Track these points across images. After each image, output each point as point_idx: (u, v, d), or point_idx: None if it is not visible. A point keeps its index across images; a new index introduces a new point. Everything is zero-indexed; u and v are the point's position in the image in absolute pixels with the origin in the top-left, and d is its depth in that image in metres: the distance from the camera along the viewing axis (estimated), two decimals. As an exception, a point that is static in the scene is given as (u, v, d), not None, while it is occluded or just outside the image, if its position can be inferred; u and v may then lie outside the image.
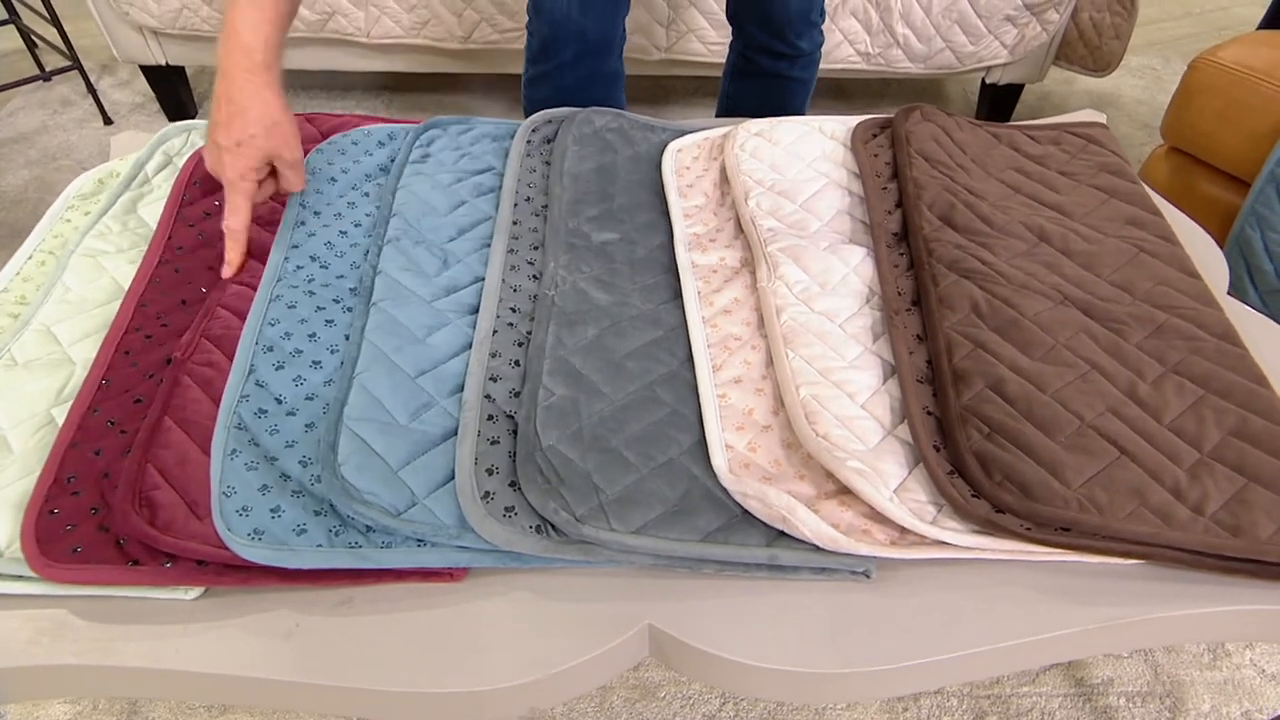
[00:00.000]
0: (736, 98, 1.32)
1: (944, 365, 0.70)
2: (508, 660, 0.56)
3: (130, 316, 0.76)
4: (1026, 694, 1.00)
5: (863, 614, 0.58)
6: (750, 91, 1.29)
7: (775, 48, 1.20)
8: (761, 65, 1.24)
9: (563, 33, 1.07)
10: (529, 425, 0.65)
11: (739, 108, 1.33)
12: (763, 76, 1.25)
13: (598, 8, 1.08)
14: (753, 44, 1.23)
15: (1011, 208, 0.88)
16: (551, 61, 1.09)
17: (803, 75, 1.25)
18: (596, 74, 1.13)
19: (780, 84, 1.25)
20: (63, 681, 0.58)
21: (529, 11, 1.10)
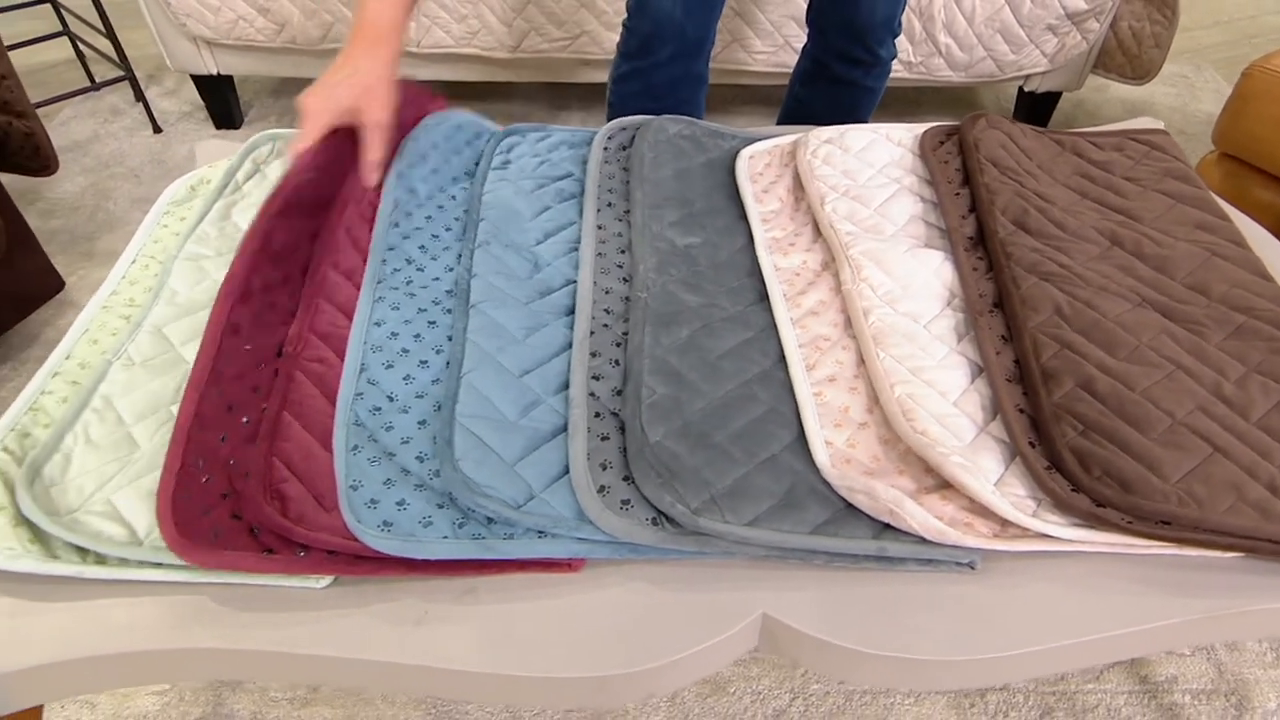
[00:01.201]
0: (806, 102, 1.34)
1: (1033, 365, 0.72)
2: (628, 647, 0.58)
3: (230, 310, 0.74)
4: (1091, 691, 1.02)
5: (969, 604, 0.60)
6: (821, 96, 1.31)
7: (854, 54, 1.23)
8: (836, 71, 1.26)
9: (664, 31, 1.10)
10: (635, 422, 0.67)
11: (806, 113, 1.35)
12: (836, 83, 1.27)
13: (698, 9, 1.11)
14: (831, 49, 1.25)
15: (1081, 213, 0.90)
16: (648, 59, 1.12)
17: (875, 85, 1.27)
18: (687, 74, 1.17)
19: (852, 91, 1.27)
20: (200, 664, 0.60)
21: (629, 9, 1.13)
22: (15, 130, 1.29)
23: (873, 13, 1.18)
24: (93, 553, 0.62)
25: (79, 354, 0.77)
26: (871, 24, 1.19)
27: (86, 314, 0.80)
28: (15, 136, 1.30)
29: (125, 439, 0.69)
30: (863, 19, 1.18)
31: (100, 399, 0.72)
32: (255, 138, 0.99)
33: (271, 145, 1.00)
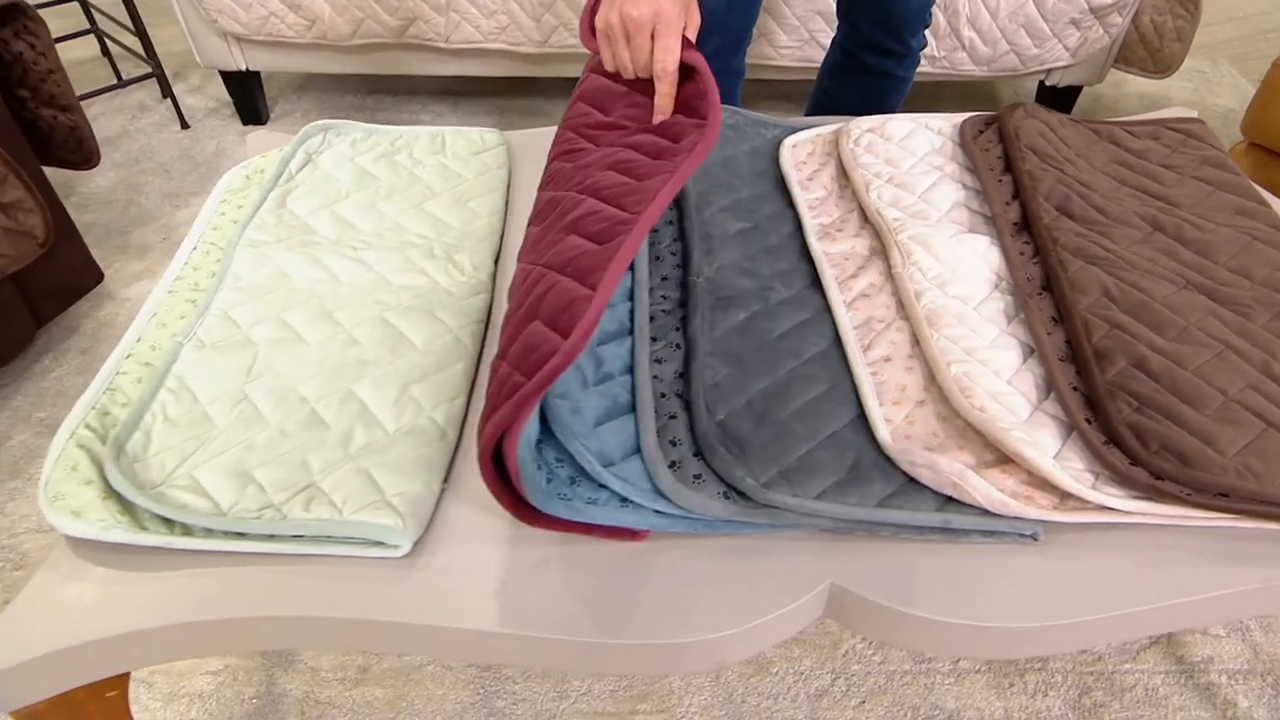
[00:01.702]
0: (836, 94, 1.36)
1: (1084, 344, 0.73)
2: (703, 615, 0.60)
3: None
4: (1129, 671, 1.03)
5: (1033, 574, 0.62)
6: (852, 88, 1.32)
7: (887, 45, 1.25)
8: (868, 62, 1.28)
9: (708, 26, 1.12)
10: (700, 401, 0.69)
11: (836, 105, 1.36)
12: (869, 74, 1.29)
13: (740, 6, 1.13)
14: (864, 41, 1.26)
15: (1122, 199, 0.92)
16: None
17: (906, 74, 1.29)
18: (727, 68, 1.19)
19: (884, 81, 1.29)
20: (283, 632, 0.62)
21: None
22: (60, 124, 1.31)
23: (907, 4, 1.20)
24: (179, 525, 0.64)
25: (149, 337, 0.78)
26: (906, 16, 1.20)
27: (154, 298, 0.82)
28: (60, 130, 1.32)
29: (202, 417, 0.71)
30: (899, 11, 1.20)
31: (174, 379, 0.73)
32: (307, 128, 1.01)
33: (323, 136, 1.02)
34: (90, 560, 0.63)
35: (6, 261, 1.18)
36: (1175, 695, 1.01)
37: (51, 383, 1.39)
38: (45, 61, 1.23)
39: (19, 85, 1.26)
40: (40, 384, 1.39)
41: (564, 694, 1.02)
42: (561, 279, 0.63)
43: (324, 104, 2.19)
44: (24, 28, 1.19)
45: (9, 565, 1.13)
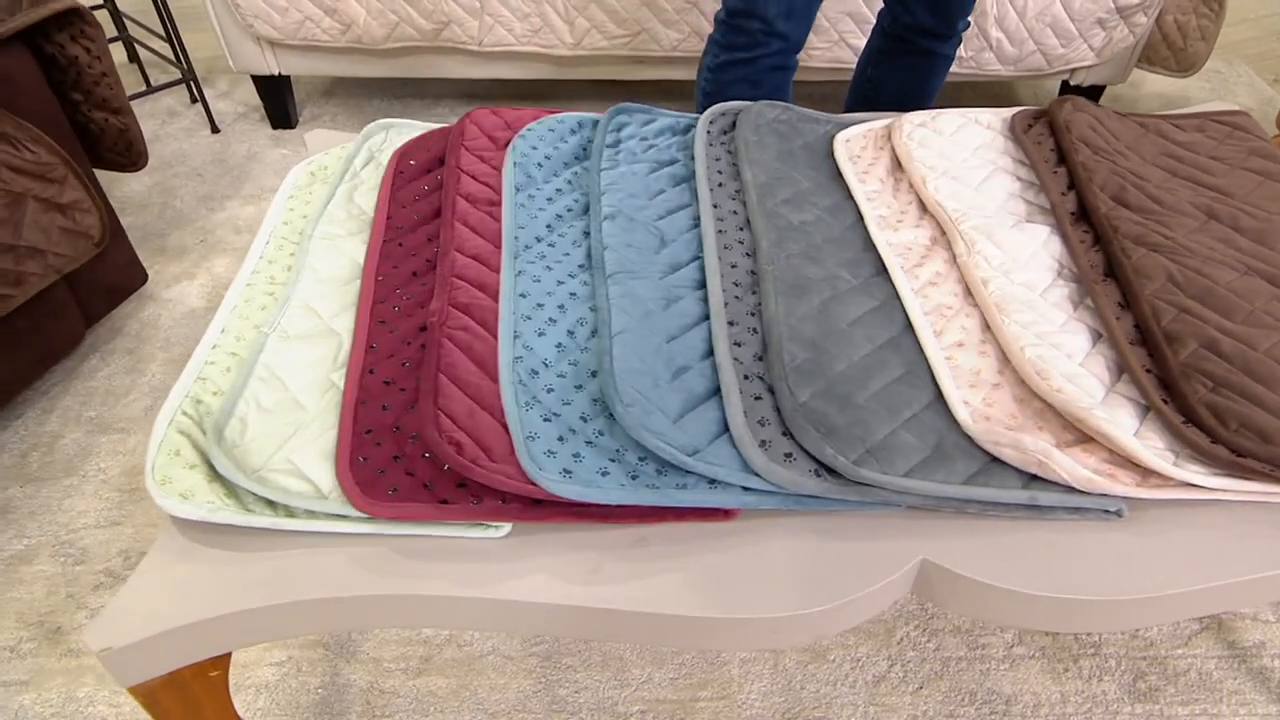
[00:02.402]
0: (879, 80, 1.39)
1: (1154, 328, 0.75)
2: (799, 591, 0.61)
3: (374, 289, 0.82)
4: (1181, 655, 1.04)
5: (1120, 549, 0.63)
6: (898, 71, 1.36)
7: (936, 29, 1.29)
8: (917, 44, 1.32)
9: (772, 29, 1.16)
10: (783, 384, 0.70)
11: (881, 90, 1.39)
12: (915, 55, 1.33)
13: (802, 14, 1.17)
14: (914, 25, 1.30)
15: (1174, 189, 0.94)
16: (753, 52, 1.18)
17: (950, 53, 1.34)
18: (785, 65, 1.22)
19: (931, 61, 1.33)
20: (385, 611, 0.63)
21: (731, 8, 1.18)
22: (111, 126, 1.32)
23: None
24: (281, 507, 0.65)
25: (232, 328, 0.80)
26: (960, 4, 1.25)
27: (234, 291, 0.84)
28: (110, 132, 1.33)
29: (293, 403, 0.72)
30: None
31: (263, 368, 0.75)
32: (369, 126, 1.03)
33: (384, 134, 1.04)
34: (197, 541, 0.64)
35: (64, 261, 1.20)
36: (1229, 679, 1.02)
37: (100, 382, 1.40)
38: (99, 65, 1.25)
39: (73, 89, 1.27)
40: (88, 383, 1.40)
41: (625, 682, 1.03)
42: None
43: (351, 108, 2.21)
44: (80, 32, 1.21)
45: (70, 560, 1.14)
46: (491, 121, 1.01)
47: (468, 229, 0.86)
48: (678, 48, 1.79)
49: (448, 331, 0.75)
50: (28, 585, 1.11)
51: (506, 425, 0.67)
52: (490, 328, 0.76)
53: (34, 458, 1.28)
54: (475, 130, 0.99)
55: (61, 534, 1.17)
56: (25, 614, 1.08)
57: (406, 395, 0.71)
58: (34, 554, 1.15)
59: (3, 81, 1.13)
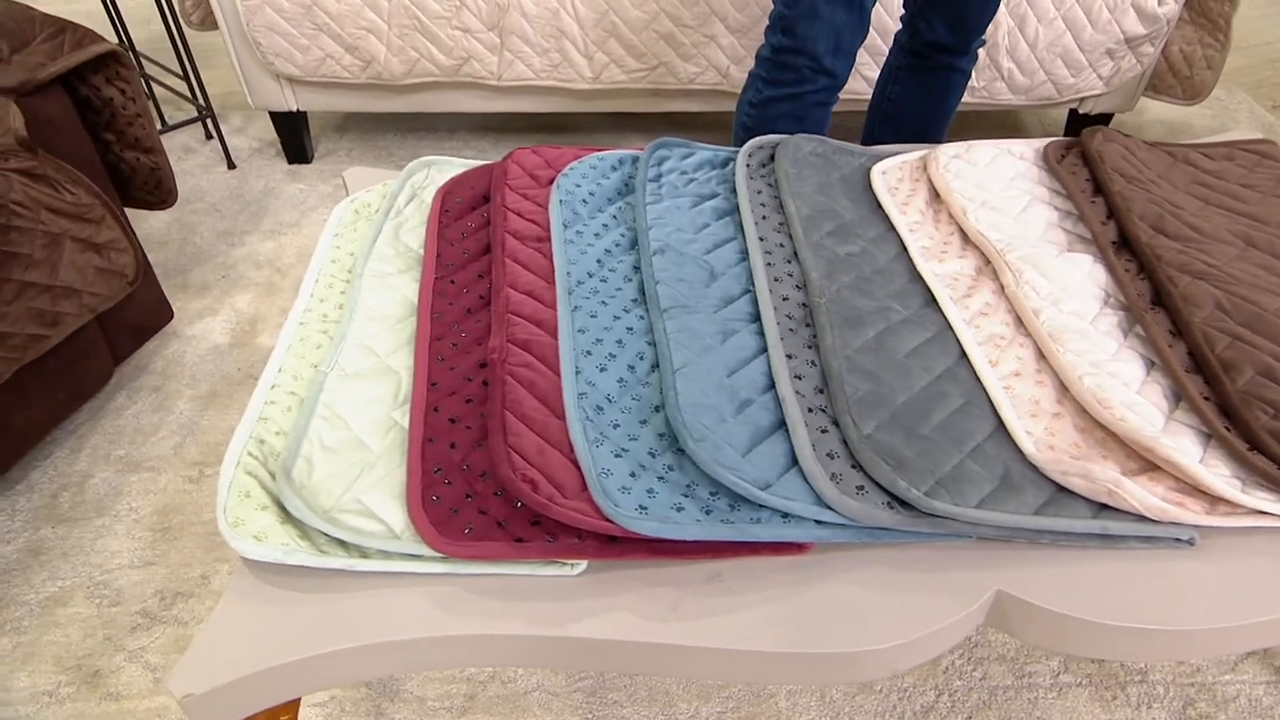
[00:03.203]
0: (899, 98, 1.42)
1: (1209, 356, 0.76)
2: (877, 624, 0.61)
3: (430, 328, 0.82)
4: (1229, 682, 1.04)
5: (1194, 578, 0.63)
6: (917, 89, 1.39)
7: (954, 45, 1.33)
8: (935, 60, 1.36)
9: (819, 67, 1.20)
10: (846, 416, 0.71)
11: (901, 109, 1.42)
12: (934, 71, 1.37)
13: (845, 54, 1.20)
14: (933, 42, 1.33)
15: (1210, 217, 0.95)
16: (800, 88, 1.21)
17: (967, 69, 1.38)
18: (828, 102, 1.25)
19: (949, 77, 1.37)
20: (462, 651, 0.63)
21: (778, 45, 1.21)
22: (142, 165, 1.33)
23: (983, 11, 1.28)
24: (354, 547, 0.65)
25: (289, 367, 0.80)
26: (981, 21, 1.29)
27: (288, 330, 0.84)
28: (141, 172, 1.34)
29: (356, 442, 0.72)
30: (973, 16, 1.28)
31: (324, 406, 0.75)
32: (412, 164, 1.04)
33: (426, 172, 1.05)
34: (270, 583, 0.64)
35: (98, 300, 1.20)
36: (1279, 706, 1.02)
37: (128, 420, 1.40)
38: (134, 106, 1.26)
39: (106, 129, 1.28)
40: (116, 422, 1.40)
41: (671, 717, 1.02)
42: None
43: (365, 142, 2.23)
44: (116, 74, 1.22)
45: (105, 601, 1.13)
46: (532, 160, 1.02)
47: (519, 265, 0.87)
48: (694, 81, 1.82)
49: (509, 368, 0.75)
50: (64, 628, 1.10)
51: (576, 461, 0.68)
52: (550, 364, 0.76)
53: (64, 498, 1.27)
54: (517, 169, 1.00)
55: (95, 575, 1.16)
56: (63, 657, 1.06)
57: (473, 433, 0.71)
58: (69, 596, 1.13)
59: (43, 125, 1.13)
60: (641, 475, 0.66)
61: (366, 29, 1.74)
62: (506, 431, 0.69)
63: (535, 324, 0.81)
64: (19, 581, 1.15)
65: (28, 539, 1.21)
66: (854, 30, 1.22)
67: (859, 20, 1.21)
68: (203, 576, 1.16)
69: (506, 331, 0.79)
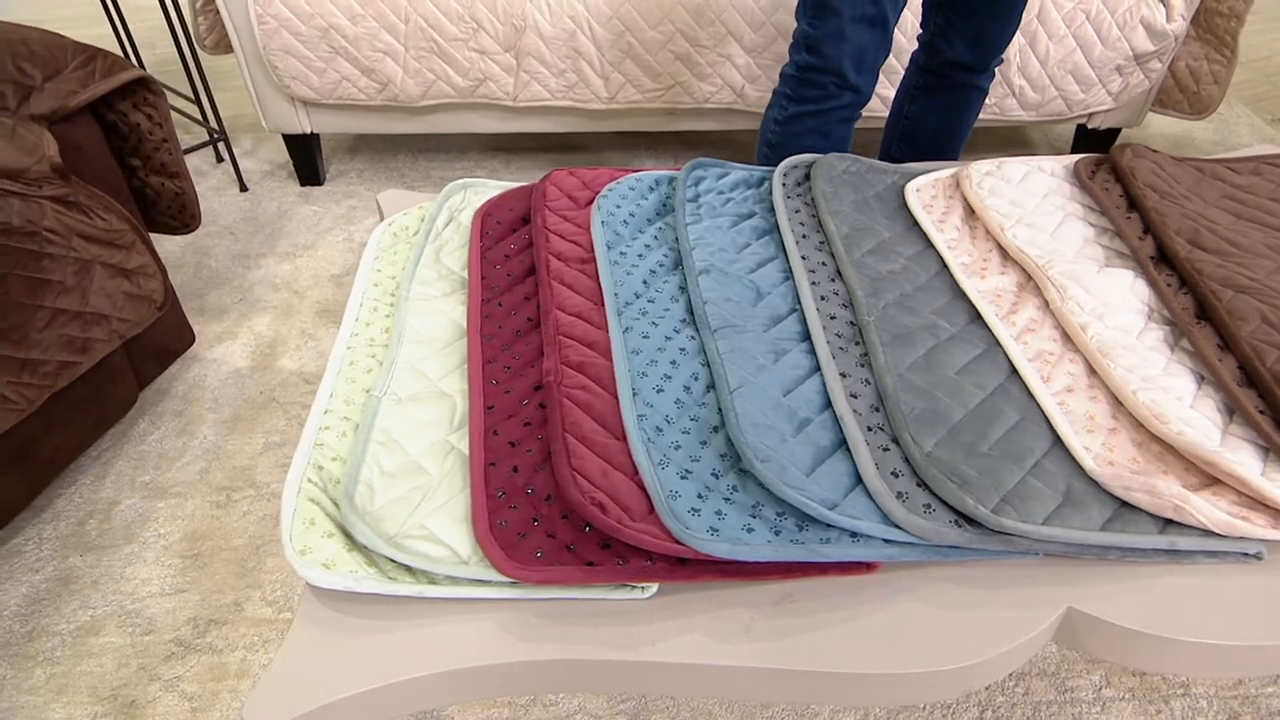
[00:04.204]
0: (917, 116, 1.43)
1: (1260, 369, 0.76)
2: (950, 644, 0.61)
3: (481, 351, 0.82)
4: (1273, 694, 1.04)
5: (1264, 592, 0.64)
6: (935, 105, 1.40)
7: (974, 64, 1.34)
8: (954, 79, 1.38)
9: (844, 83, 1.21)
10: (905, 434, 0.71)
11: (919, 126, 1.44)
12: (953, 89, 1.39)
13: (869, 71, 1.21)
14: (953, 61, 1.35)
15: (1244, 231, 0.96)
16: (826, 105, 1.23)
17: (985, 85, 1.40)
18: (851, 118, 1.26)
19: (967, 95, 1.39)
20: (536, 677, 0.62)
21: (803, 64, 1.23)
22: (167, 190, 1.33)
23: (1002, 32, 1.30)
24: (421, 573, 0.65)
25: (340, 392, 0.80)
26: (1000, 42, 1.31)
27: (336, 355, 0.84)
28: (166, 197, 1.34)
29: (415, 467, 0.72)
30: (993, 36, 1.30)
31: (380, 432, 0.75)
32: (449, 186, 1.04)
33: (463, 194, 1.05)
34: (338, 610, 0.63)
35: (127, 326, 1.19)
36: (1321, 715, 1.02)
37: (151, 446, 1.39)
38: (160, 131, 1.26)
39: (132, 155, 1.28)
40: (139, 448, 1.39)
41: (717, 739, 1.01)
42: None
43: (376, 163, 2.23)
44: (144, 100, 1.22)
45: (139, 630, 1.12)
46: (570, 182, 1.03)
47: (565, 287, 0.87)
48: (709, 100, 1.83)
49: (566, 390, 0.75)
50: (97, 658, 1.08)
51: (640, 484, 0.68)
52: (606, 385, 0.76)
53: (91, 525, 1.26)
54: (556, 191, 1.01)
55: (126, 603, 1.15)
56: (98, 688, 1.05)
57: (534, 456, 0.71)
58: (100, 625, 1.12)
59: (73, 151, 1.13)
60: (709, 497, 0.66)
61: (383, 51, 1.75)
62: (569, 454, 0.69)
63: (587, 346, 0.81)
64: (50, 611, 1.14)
65: (56, 567, 1.19)
66: (877, 48, 1.23)
67: (882, 39, 1.22)
68: (235, 603, 1.15)
69: (560, 354, 0.79)
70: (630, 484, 0.67)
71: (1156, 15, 1.71)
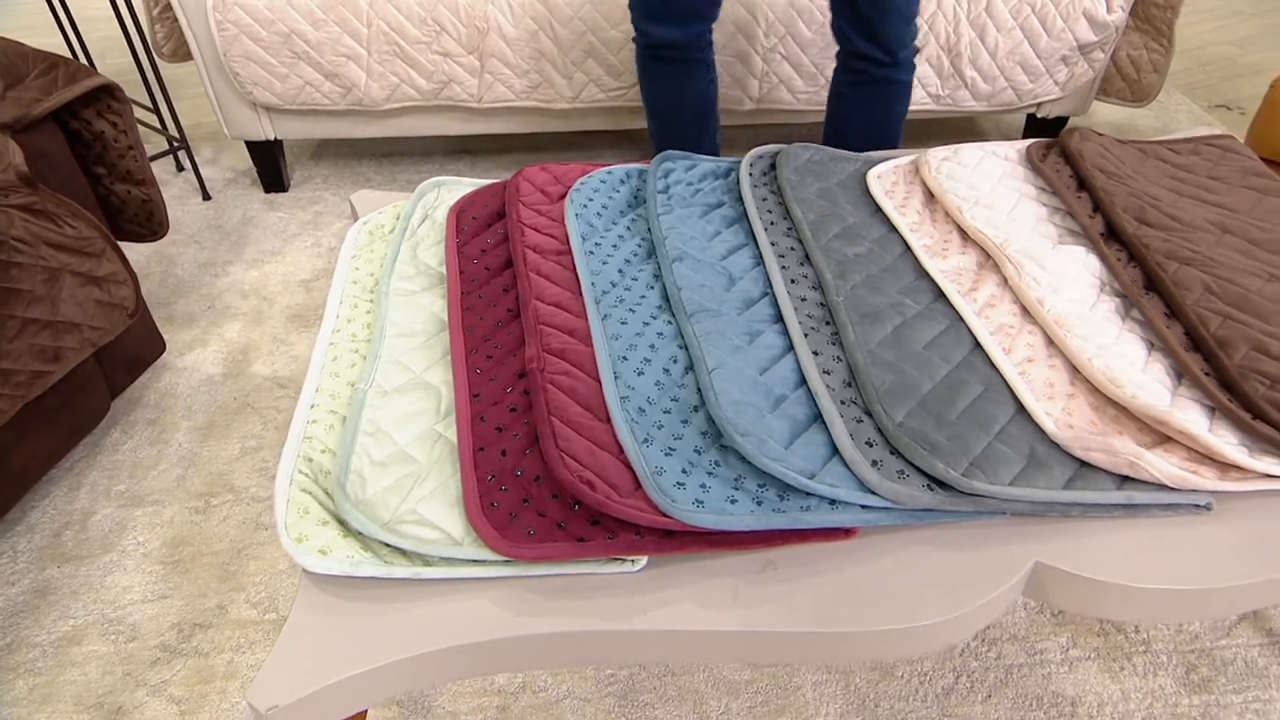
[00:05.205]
0: (845, 113, 1.48)
1: (1205, 335, 0.81)
2: (929, 601, 0.64)
3: (463, 341, 0.84)
4: (1225, 646, 1.10)
5: (1213, 540, 0.68)
6: (859, 101, 1.45)
7: (878, 56, 1.39)
8: (867, 73, 1.42)
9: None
10: (877, 406, 0.74)
11: (849, 122, 1.48)
12: (870, 84, 1.43)
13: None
14: (859, 53, 1.40)
15: (1186, 207, 1.01)
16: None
17: (903, 78, 1.43)
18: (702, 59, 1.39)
19: (885, 89, 1.43)
20: (535, 650, 0.64)
21: None
22: (133, 198, 1.32)
23: (889, 27, 1.35)
24: (416, 556, 0.66)
25: (325, 387, 0.81)
26: (889, 35, 1.36)
27: (319, 351, 0.85)
28: (133, 204, 1.33)
29: (404, 456, 0.73)
30: (883, 30, 1.35)
31: (368, 424, 0.76)
32: (423, 185, 1.05)
33: (436, 192, 1.06)
34: (336, 596, 0.64)
35: (99, 334, 1.19)
36: (1274, 665, 1.07)
37: (125, 455, 1.38)
38: (125, 139, 1.25)
39: (96, 163, 1.27)
40: (113, 457, 1.37)
41: (703, 715, 1.04)
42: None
43: (341, 168, 2.23)
44: (108, 107, 1.21)
45: (122, 637, 1.11)
46: (542, 177, 1.04)
47: (542, 278, 0.89)
48: (671, 98, 1.85)
49: (550, 376, 0.77)
50: (80, 667, 1.08)
51: (626, 462, 0.70)
52: (588, 370, 0.78)
53: (67, 536, 1.24)
54: (529, 186, 1.02)
55: (108, 612, 1.14)
56: (83, 696, 1.04)
57: (521, 440, 0.73)
58: (82, 634, 1.11)
59: (38, 159, 1.12)
60: (693, 471, 0.68)
61: (346, 56, 1.75)
62: (556, 436, 0.71)
63: (567, 333, 0.83)
64: (28, 623, 1.13)
65: (33, 580, 1.18)
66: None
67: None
68: (219, 607, 1.15)
69: (541, 341, 0.81)
70: (616, 462, 0.69)
71: (1097, 7, 1.77)
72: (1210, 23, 3.18)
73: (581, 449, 0.70)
